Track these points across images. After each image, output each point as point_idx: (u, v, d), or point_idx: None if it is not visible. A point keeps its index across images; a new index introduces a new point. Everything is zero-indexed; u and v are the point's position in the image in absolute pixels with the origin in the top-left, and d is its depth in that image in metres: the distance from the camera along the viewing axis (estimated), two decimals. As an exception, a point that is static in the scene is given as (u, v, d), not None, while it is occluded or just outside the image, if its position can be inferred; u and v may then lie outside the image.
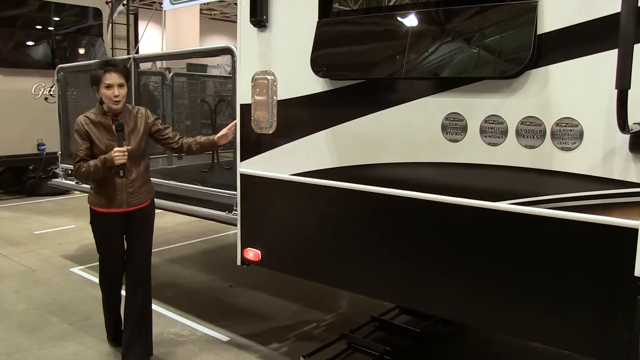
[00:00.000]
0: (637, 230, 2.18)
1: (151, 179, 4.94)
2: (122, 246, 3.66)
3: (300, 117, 3.21)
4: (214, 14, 29.15)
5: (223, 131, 3.70)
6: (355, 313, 4.56)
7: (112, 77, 3.36)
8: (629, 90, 1.99)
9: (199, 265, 5.99)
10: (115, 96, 3.36)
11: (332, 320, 4.47)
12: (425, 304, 2.96)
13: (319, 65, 2.98)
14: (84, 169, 3.36)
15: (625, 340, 2.25)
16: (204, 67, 11.32)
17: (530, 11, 2.36)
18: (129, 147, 3.40)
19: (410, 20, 2.70)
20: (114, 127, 3.40)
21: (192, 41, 19.03)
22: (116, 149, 3.30)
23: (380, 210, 2.92)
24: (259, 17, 3.30)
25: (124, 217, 3.54)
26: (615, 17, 2.09)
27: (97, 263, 3.79)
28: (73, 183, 5.70)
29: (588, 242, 2.33)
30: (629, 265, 2.20)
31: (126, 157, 3.32)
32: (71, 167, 5.84)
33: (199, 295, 5.06)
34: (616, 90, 1.89)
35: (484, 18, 2.50)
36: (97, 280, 5.25)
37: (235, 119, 3.59)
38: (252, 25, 3.36)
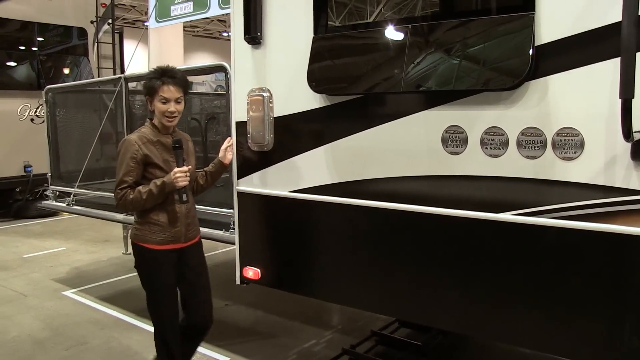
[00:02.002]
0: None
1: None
2: (176, 287, 3.13)
3: (297, 134, 3.19)
4: (197, 31, 29.17)
5: (222, 150, 3.34)
6: (355, 328, 4.53)
7: (170, 91, 2.90)
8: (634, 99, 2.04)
9: (193, 284, 5.92)
10: (171, 113, 2.93)
11: (331, 336, 4.43)
12: (430, 318, 2.93)
13: (315, 80, 2.98)
14: (131, 197, 2.84)
15: (634, 348, 2.25)
16: (190, 85, 11.25)
17: (528, 23, 2.38)
18: (190, 168, 3.00)
19: (407, 34, 2.71)
20: (171, 144, 2.97)
21: (176, 58, 18.97)
22: (177, 169, 2.88)
23: (381, 225, 2.90)
24: (253, 34, 3.29)
25: (179, 254, 3.05)
26: (611, 27, 2.12)
27: (91, 285, 3.70)
28: (64, 205, 5.62)
29: (593, 251, 2.34)
30: (634, 272, 2.22)
31: (188, 178, 2.93)
32: (61, 188, 5.82)
33: (195, 315, 4.99)
34: (620, 99, 1.90)
35: (482, 30, 2.51)
36: (90, 303, 5.23)
37: (225, 136, 3.57)
38: (247, 42, 3.35)
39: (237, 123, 3.49)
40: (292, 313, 4.87)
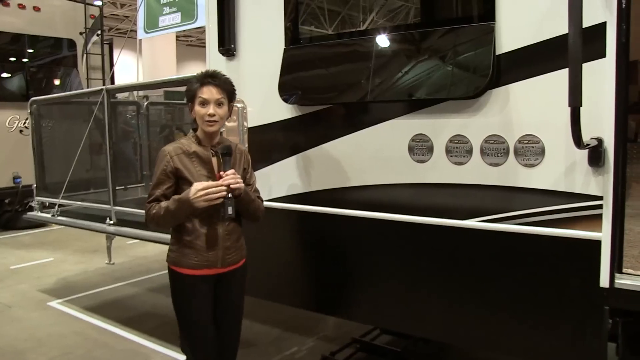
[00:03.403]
0: (600, 242, 2.24)
1: (126, 208, 4.97)
2: (213, 320, 2.75)
3: (271, 143, 3.24)
4: (191, 41, 29.26)
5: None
6: (337, 335, 4.54)
7: (210, 92, 2.59)
8: (586, 106, 2.07)
9: (179, 293, 5.93)
10: (210, 115, 2.57)
11: (313, 343, 4.45)
12: (402, 324, 2.97)
13: (286, 91, 3.03)
14: (154, 211, 2.56)
15: (595, 349, 2.29)
16: (181, 94, 11.29)
17: (489, 33, 2.44)
18: (217, 184, 2.53)
19: (374, 45, 2.76)
20: (218, 152, 2.63)
21: (168, 68, 19.04)
22: (198, 184, 2.49)
23: (352, 233, 2.94)
24: (227, 46, 3.35)
25: (215, 280, 2.70)
26: (564, 37, 2.17)
27: (77, 296, 3.68)
28: (49, 216, 5.63)
29: (555, 256, 2.38)
30: (595, 276, 2.26)
31: (214, 197, 2.48)
32: (46, 199, 5.84)
33: (180, 324, 5.00)
34: (569, 107, 1.95)
35: (445, 41, 2.57)
36: (76, 313, 5.24)
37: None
38: (221, 54, 3.40)
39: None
40: (276, 321, 4.88)
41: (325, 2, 3.12)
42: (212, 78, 2.64)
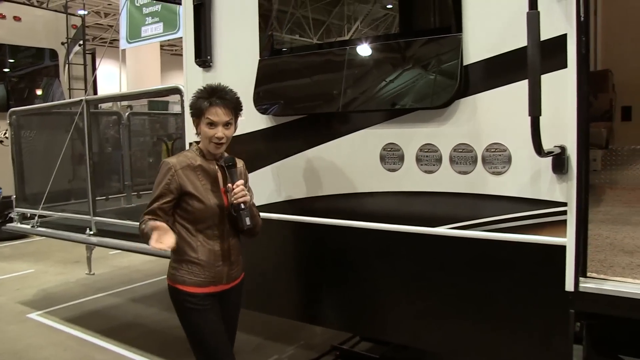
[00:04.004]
0: (565, 247, 2.30)
1: (107, 219, 4.97)
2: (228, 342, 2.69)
3: (247, 153, 3.25)
4: (176, 50, 29.22)
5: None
6: (317, 343, 4.57)
7: (218, 114, 2.51)
8: (549, 115, 2.15)
9: (161, 303, 5.91)
10: (219, 139, 2.52)
11: (293, 351, 4.47)
12: (376, 331, 3.01)
13: (261, 102, 3.07)
14: (142, 226, 2.48)
15: (561, 352, 2.34)
16: (165, 104, 11.32)
17: (456, 44, 2.50)
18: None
19: (344, 57, 2.81)
20: (222, 163, 2.60)
21: (153, 77, 19.01)
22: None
23: (328, 241, 2.98)
24: (204, 57, 3.39)
25: (219, 298, 2.63)
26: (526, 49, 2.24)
27: (57, 307, 3.65)
28: (28, 227, 5.61)
29: (523, 261, 2.44)
30: (560, 280, 2.31)
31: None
32: (26, 210, 5.81)
33: (161, 334, 5.00)
34: (529, 117, 2.01)
35: (414, 52, 2.63)
36: (55, 325, 5.21)
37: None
38: (198, 65, 3.44)
39: (190, 144, 3.55)
40: (257, 329, 4.89)
41: (299, 15, 3.18)
42: (220, 98, 2.53)
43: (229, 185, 2.53)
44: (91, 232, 4.88)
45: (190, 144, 2.66)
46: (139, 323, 5.30)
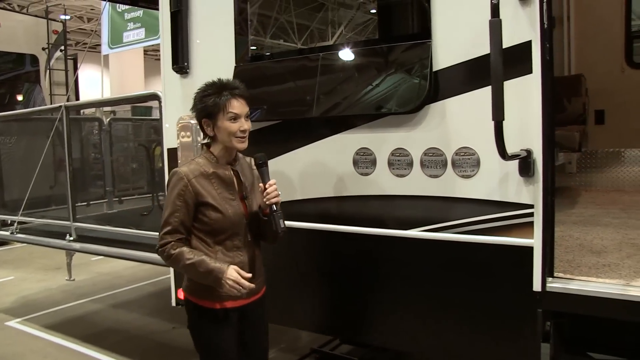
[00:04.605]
0: (532, 248, 2.35)
1: (87, 225, 4.96)
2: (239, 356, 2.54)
3: (224, 158, 3.30)
4: (159, 55, 29.13)
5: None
6: (297, 347, 4.60)
7: (241, 105, 2.38)
8: (516, 120, 2.24)
9: (143, 309, 5.93)
10: (244, 132, 2.39)
11: (273, 355, 4.49)
12: (352, 333, 3.05)
13: (237, 108, 3.10)
14: (173, 253, 2.32)
15: (530, 350, 2.40)
16: (148, 110, 11.29)
17: (426, 50, 2.55)
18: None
19: (317, 63, 2.86)
20: (253, 161, 2.51)
21: (136, 83, 18.94)
22: (232, 274, 2.30)
23: (302, 245, 3.02)
24: (181, 63, 3.42)
25: (239, 313, 2.48)
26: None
27: (37, 314, 3.65)
28: (7, 234, 5.58)
29: (492, 262, 2.49)
30: (528, 281, 2.37)
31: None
32: (4, 216, 5.77)
33: (142, 339, 5.01)
34: (493, 122, 2.07)
35: (385, 57, 2.69)
36: (35, 332, 5.18)
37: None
38: (175, 72, 3.47)
39: (168, 150, 3.58)
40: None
41: (274, 22, 3.22)
42: (235, 89, 2.41)
43: (261, 185, 2.42)
44: (71, 238, 4.87)
45: (207, 146, 2.49)
46: (120, 329, 5.30)
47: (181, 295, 3.55)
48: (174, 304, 3.68)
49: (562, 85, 4.83)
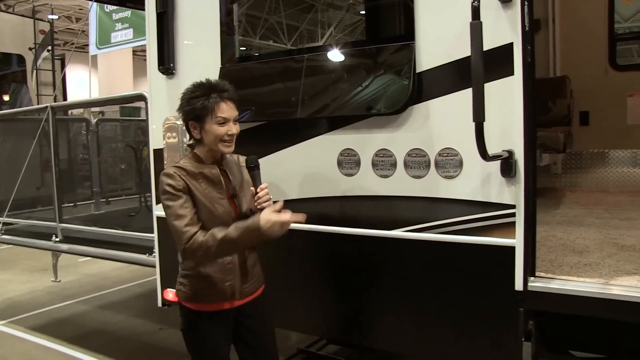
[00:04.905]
0: (514, 248, 2.38)
1: (73, 225, 4.94)
2: None
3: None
4: (148, 55, 29.03)
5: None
6: (283, 347, 4.57)
7: (230, 109, 2.35)
8: (498, 121, 2.28)
9: (130, 310, 5.91)
10: (231, 136, 2.36)
11: (261, 355, 4.49)
12: (338, 334, 3.06)
13: (222, 108, 3.11)
14: (201, 239, 2.22)
15: (512, 349, 2.42)
16: (137, 110, 11.25)
17: (409, 52, 2.57)
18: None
19: (302, 64, 2.88)
20: (243, 161, 2.50)
21: (125, 83, 18.88)
22: (269, 211, 2.24)
23: (286, 245, 3.02)
24: (167, 64, 3.42)
25: (233, 316, 2.47)
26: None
27: (22, 316, 3.62)
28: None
29: (475, 262, 2.51)
30: (511, 280, 2.40)
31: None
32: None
33: (129, 340, 5.00)
34: (474, 123, 2.09)
35: (369, 59, 2.71)
36: (21, 334, 5.15)
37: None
38: (161, 73, 3.47)
39: (154, 150, 3.58)
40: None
41: (260, 23, 3.24)
42: (224, 91, 2.36)
43: (252, 189, 2.38)
44: (57, 239, 4.85)
45: (192, 147, 2.46)
46: (107, 330, 5.28)
47: (168, 296, 3.57)
48: (160, 304, 3.67)
49: (547, 87, 4.88)
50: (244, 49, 3.24)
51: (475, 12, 2.05)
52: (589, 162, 5.04)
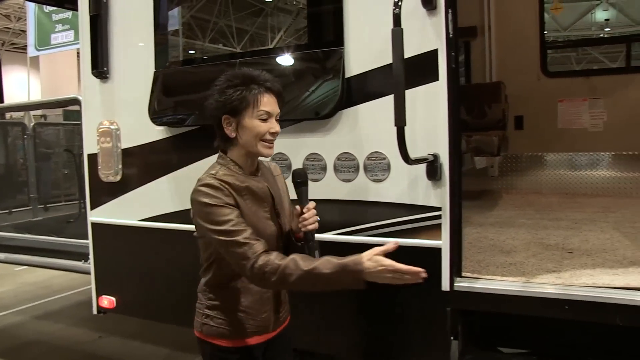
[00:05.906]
0: (440, 249, 2.45)
1: (5, 233, 4.78)
2: None
3: (143, 164, 3.27)
4: (95, 57, 28.32)
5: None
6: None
7: (273, 102, 1.98)
8: (423, 125, 2.37)
9: (69, 319, 5.75)
10: (273, 134, 1.98)
11: (202, 361, 4.46)
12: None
13: (156, 113, 3.08)
14: (280, 264, 1.81)
15: (440, 347, 2.49)
16: (80, 114, 10.92)
17: (338, 57, 2.62)
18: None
19: (235, 69, 2.88)
20: (292, 178, 2.09)
21: (69, 85, 18.34)
22: (379, 256, 1.91)
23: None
24: (100, 68, 3.37)
25: (265, 349, 2.12)
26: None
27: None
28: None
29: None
30: (438, 281, 2.46)
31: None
32: None
33: (67, 350, 4.86)
34: (395, 127, 2.14)
35: (299, 64, 2.74)
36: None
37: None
38: (94, 76, 3.41)
39: (88, 155, 3.51)
40: (168, 341, 4.85)
41: (194, 28, 3.22)
42: (269, 81, 1.98)
43: (297, 207, 2.06)
44: (-12, 248, 4.67)
45: (225, 152, 2.07)
46: (43, 340, 5.12)
47: (103, 303, 3.50)
48: (95, 312, 3.59)
49: (482, 92, 5.03)
50: (179, 53, 3.22)
51: (397, 18, 2.10)
52: (525, 164, 5.22)
